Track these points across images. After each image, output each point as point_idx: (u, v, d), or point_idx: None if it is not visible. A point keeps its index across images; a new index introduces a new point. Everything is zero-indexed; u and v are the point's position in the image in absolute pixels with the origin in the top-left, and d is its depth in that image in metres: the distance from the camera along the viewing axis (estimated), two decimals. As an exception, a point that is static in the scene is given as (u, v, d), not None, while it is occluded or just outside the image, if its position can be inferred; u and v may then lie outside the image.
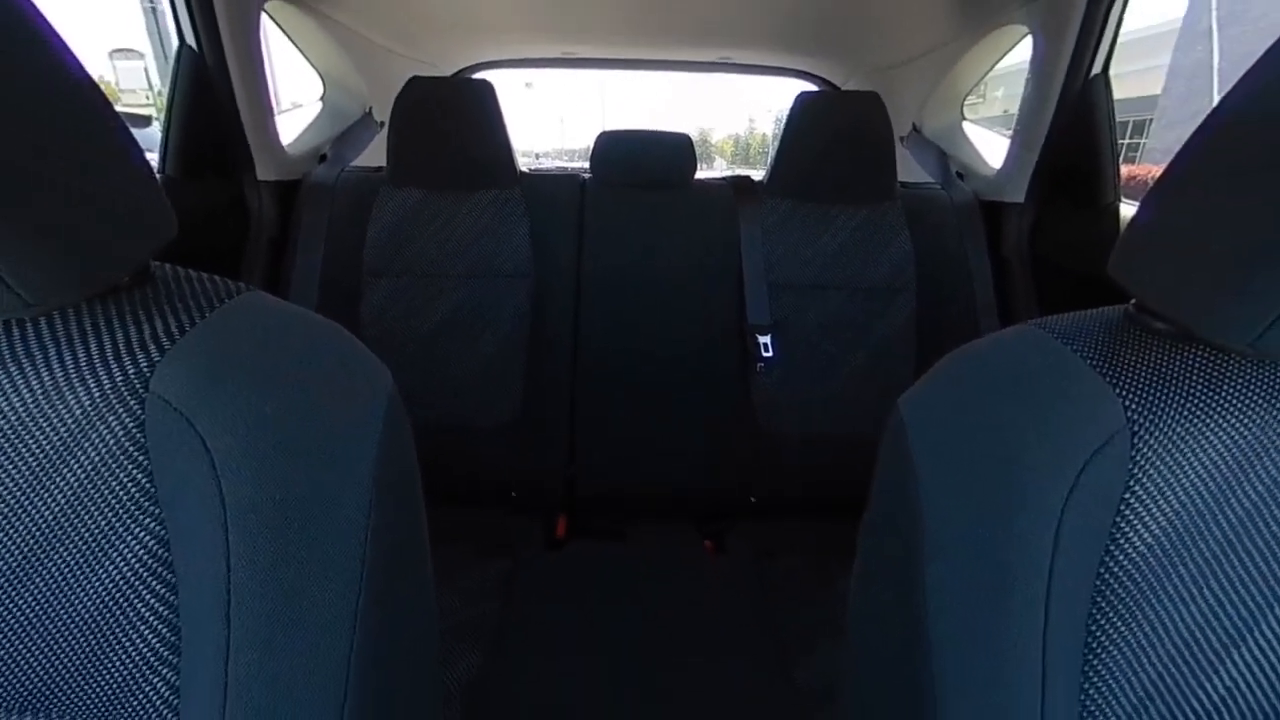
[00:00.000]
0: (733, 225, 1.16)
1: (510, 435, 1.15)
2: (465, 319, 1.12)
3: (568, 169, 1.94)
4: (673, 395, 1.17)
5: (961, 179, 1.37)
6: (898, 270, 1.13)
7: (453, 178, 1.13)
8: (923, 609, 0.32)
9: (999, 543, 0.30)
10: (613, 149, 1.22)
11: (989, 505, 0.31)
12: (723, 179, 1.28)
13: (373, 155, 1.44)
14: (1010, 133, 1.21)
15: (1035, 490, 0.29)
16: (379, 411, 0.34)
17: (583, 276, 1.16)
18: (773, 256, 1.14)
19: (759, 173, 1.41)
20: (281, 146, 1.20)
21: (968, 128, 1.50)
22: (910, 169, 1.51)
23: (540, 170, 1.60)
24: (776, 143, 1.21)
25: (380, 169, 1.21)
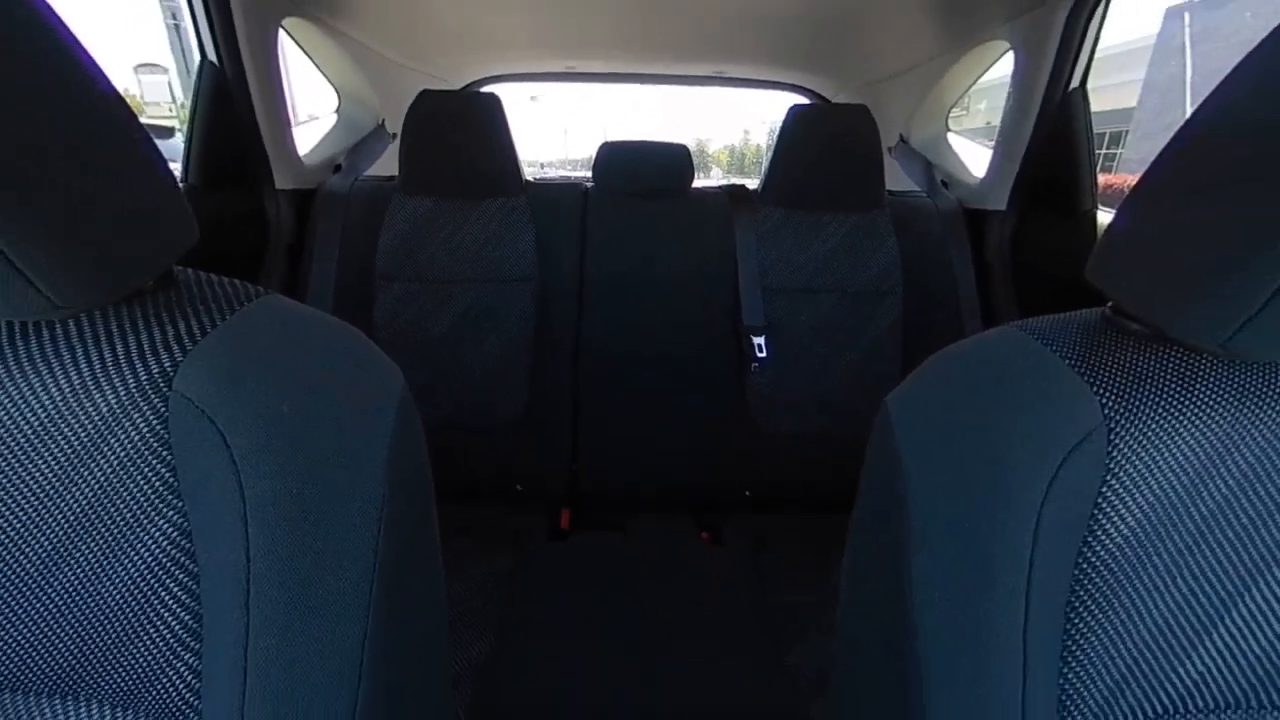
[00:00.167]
0: (728, 232, 1.16)
1: (516, 432, 1.15)
2: (473, 321, 1.12)
3: (571, 178, 1.94)
4: (671, 394, 1.17)
5: (946, 187, 1.37)
6: (885, 274, 1.13)
7: (462, 187, 1.13)
8: (909, 599, 0.32)
9: (982, 535, 0.30)
10: (614, 159, 1.22)
11: (972, 499, 0.31)
12: (719, 188, 1.28)
13: (385, 165, 1.45)
14: (992, 143, 1.21)
15: (1016, 485, 0.29)
16: (391, 410, 0.34)
17: (585, 281, 1.16)
18: (766, 261, 1.14)
19: (753, 181, 1.41)
20: (298, 157, 1.20)
21: (952, 139, 1.50)
22: (897, 178, 1.51)
23: (545, 179, 1.60)
24: (770, 153, 1.21)
25: (392, 178, 1.21)
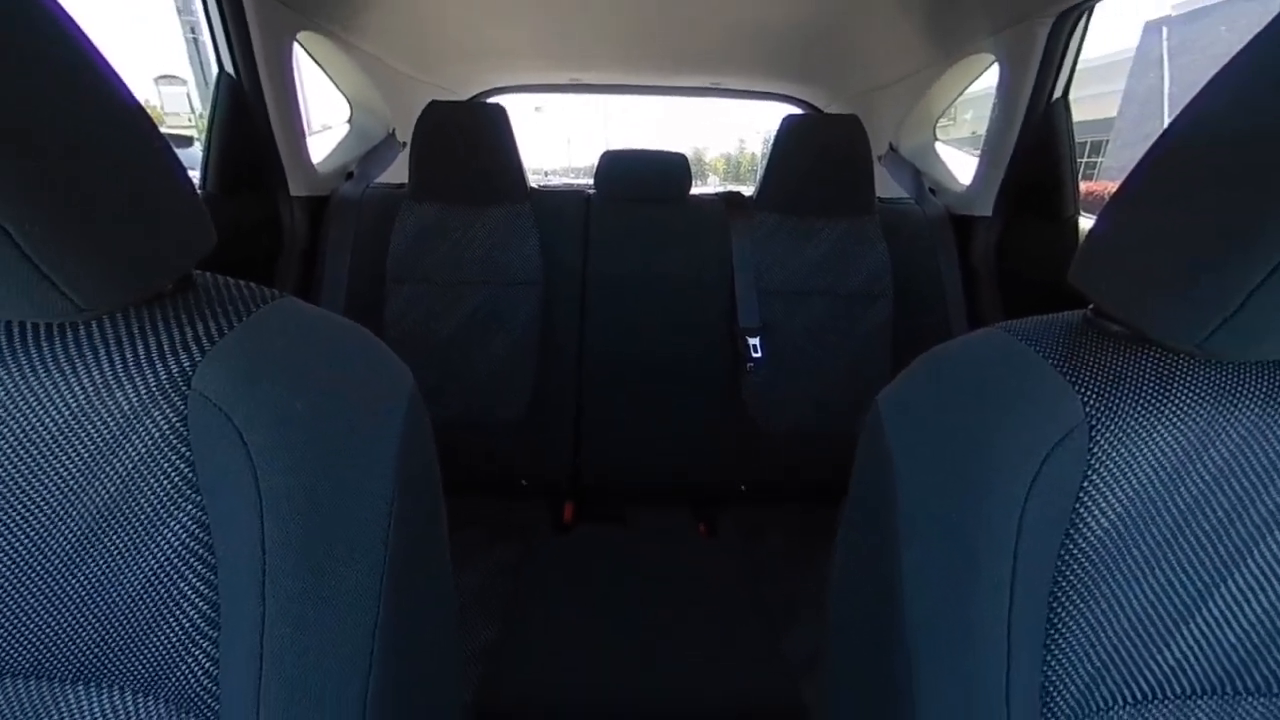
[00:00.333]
0: (725, 237, 1.16)
1: (521, 429, 1.14)
2: (480, 323, 1.12)
3: (574, 185, 1.94)
4: (670, 392, 1.17)
5: (934, 194, 1.37)
6: (875, 278, 1.13)
7: (469, 193, 1.13)
8: (898, 588, 0.32)
9: (968, 527, 0.30)
10: (615, 167, 1.22)
11: (959, 493, 0.31)
12: (716, 194, 1.27)
13: (395, 173, 1.45)
14: (978, 152, 1.21)
15: (1001, 480, 0.29)
16: (401, 408, 0.34)
17: (588, 284, 1.16)
18: (761, 265, 1.14)
19: (749, 188, 1.41)
20: (312, 165, 1.20)
21: (940, 147, 1.50)
22: (887, 185, 1.51)
23: (549, 186, 1.60)
24: (765, 161, 1.21)
25: (402, 186, 1.21)
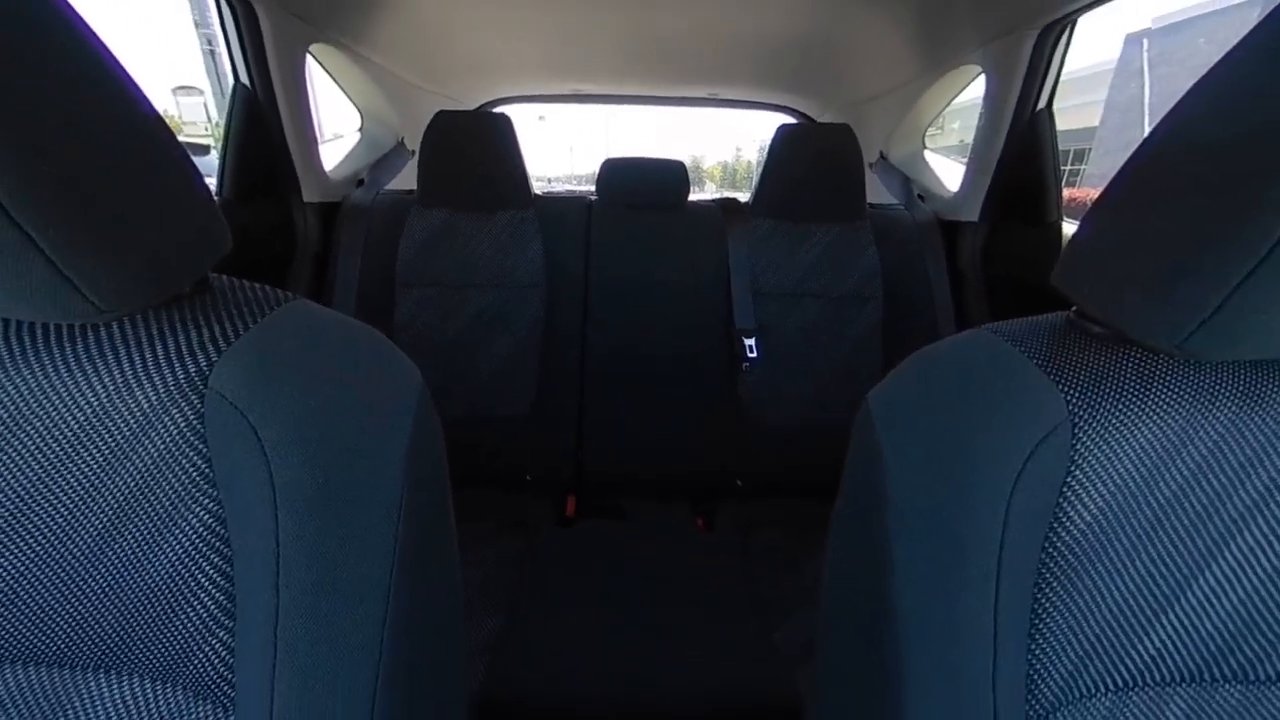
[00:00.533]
0: (722, 241, 1.16)
1: (525, 426, 1.14)
2: (486, 324, 1.12)
3: (576, 192, 1.94)
4: (669, 391, 1.17)
5: (923, 200, 1.37)
6: (866, 281, 1.13)
7: (475, 200, 1.13)
8: (888, 580, 0.32)
9: (955, 521, 0.30)
10: (616, 174, 1.22)
11: (947, 488, 0.31)
12: (713, 200, 1.27)
13: (404, 180, 1.45)
14: (966, 160, 1.21)
15: (987, 475, 0.29)
16: (410, 406, 0.34)
17: (589, 286, 1.16)
18: (757, 269, 1.14)
19: (745, 195, 1.41)
20: (324, 172, 1.20)
21: (929, 155, 1.50)
22: (878, 192, 1.51)
23: (552, 193, 1.60)
24: (760, 169, 1.21)
25: (411, 192, 1.21)
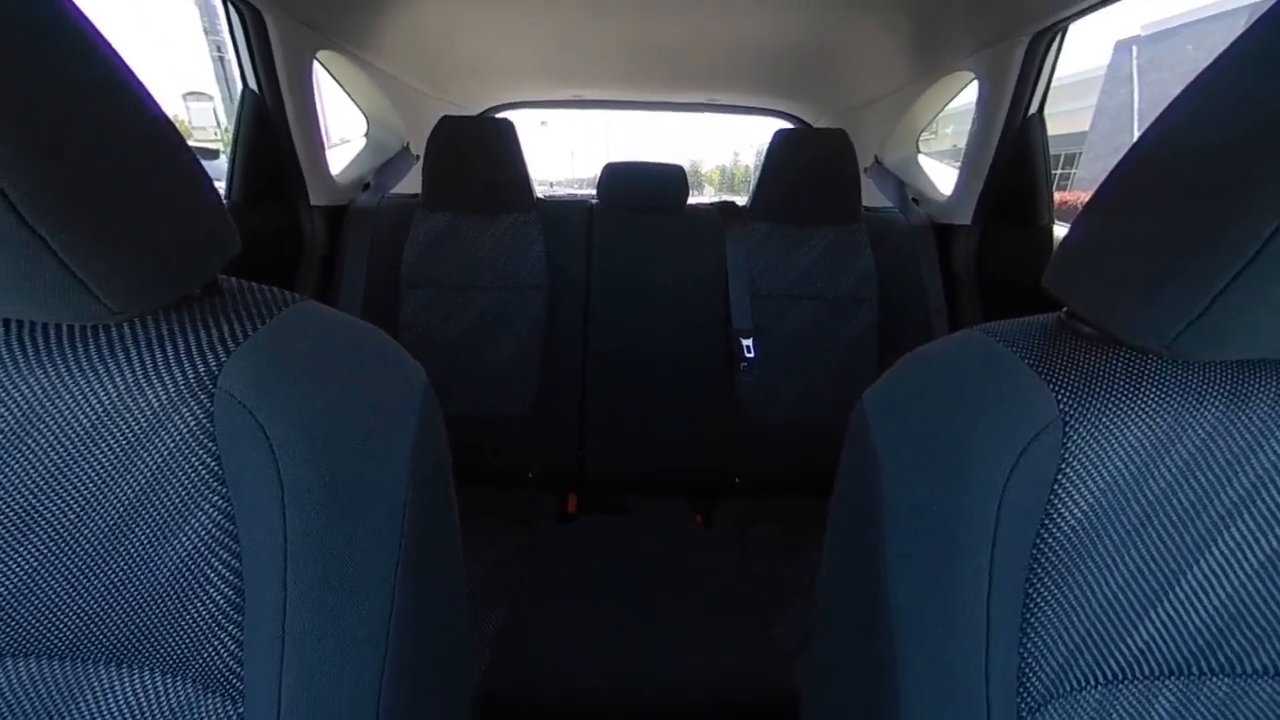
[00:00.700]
0: (720, 244, 1.16)
1: (528, 424, 1.14)
2: (489, 325, 1.12)
3: (577, 196, 1.94)
4: (668, 390, 1.17)
5: (917, 204, 1.37)
6: (862, 283, 1.13)
7: (479, 203, 1.13)
8: (883, 575, 0.32)
9: (949, 517, 0.30)
10: (616, 178, 1.22)
11: (940, 485, 0.31)
12: (711, 204, 1.27)
13: (409, 184, 1.45)
14: (959, 164, 1.21)
15: (980, 473, 0.29)
16: (415, 404, 0.34)
17: (590, 288, 1.16)
18: (754, 271, 1.14)
19: (742, 198, 1.41)
20: (331, 176, 1.20)
21: (922, 160, 1.50)
22: (873, 196, 1.51)
23: (554, 197, 1.60)
24: (758, 173, 1.21)
25: (416, 196, 1.21)
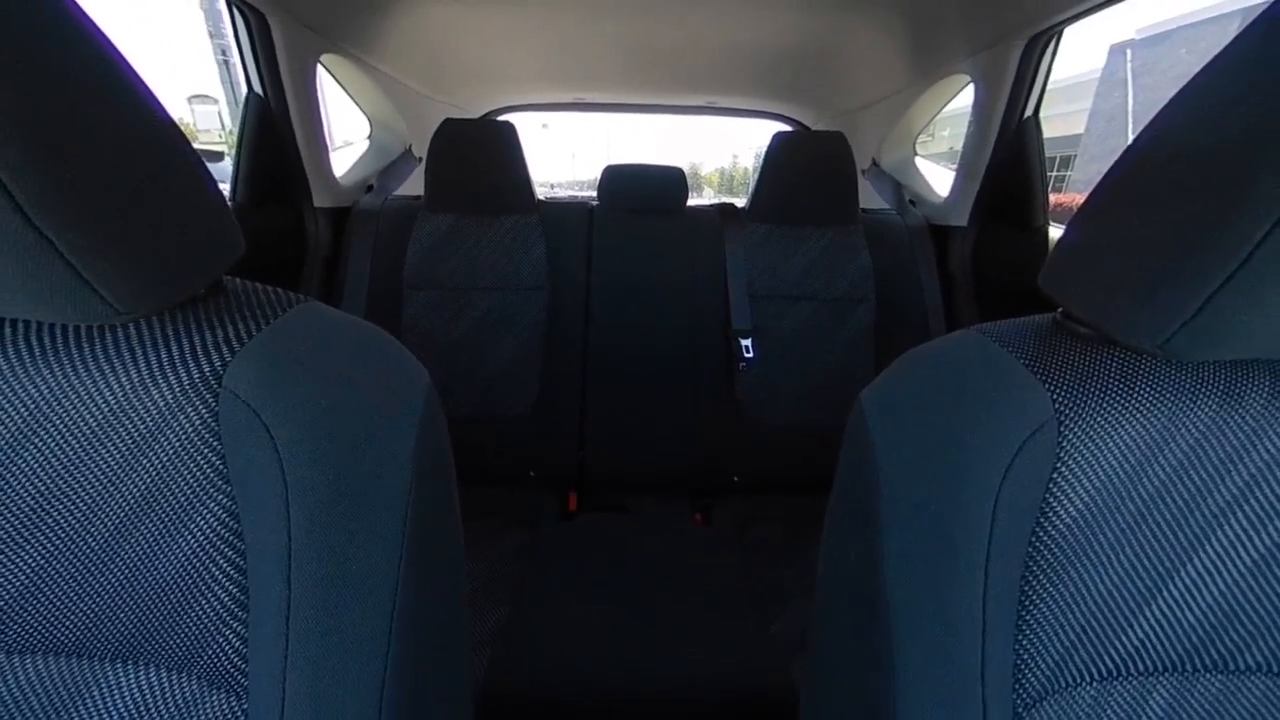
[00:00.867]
0: (719, 245, 1.16)
1: (529, 424, 1.14)
2: (490, 326, 1.12)
3: (578, 198, 1.94)
4: (668, 390, 1.17)
5: (914, 206, 1.37)
6: (859, 284, 1.13)
7: (481, 205, 1.13)
8: (881, 573, 0.32)
9: (945, 515, 0.30)
10: (616, 180, 1.22)
11: (937, 483, 0.31)
12: (710, 206, 1.27)
13: (412, 186, 1.45)
14: (955, 166, 1.21)
15: (976, 471, 0.29)
16: (418, 404, 0.34)
17: (591, 289, 1.16)
18: (753, 271, 1.14)
19: (741, 200, 1.41)
20: (334, 178, 1.20)
21: (919, 162, 1.50)
22: (870, 197, 1.51)
23: (555, 198, 1.60)
24: (756, 175, 1.21)
25: (419, 198, 1.21)
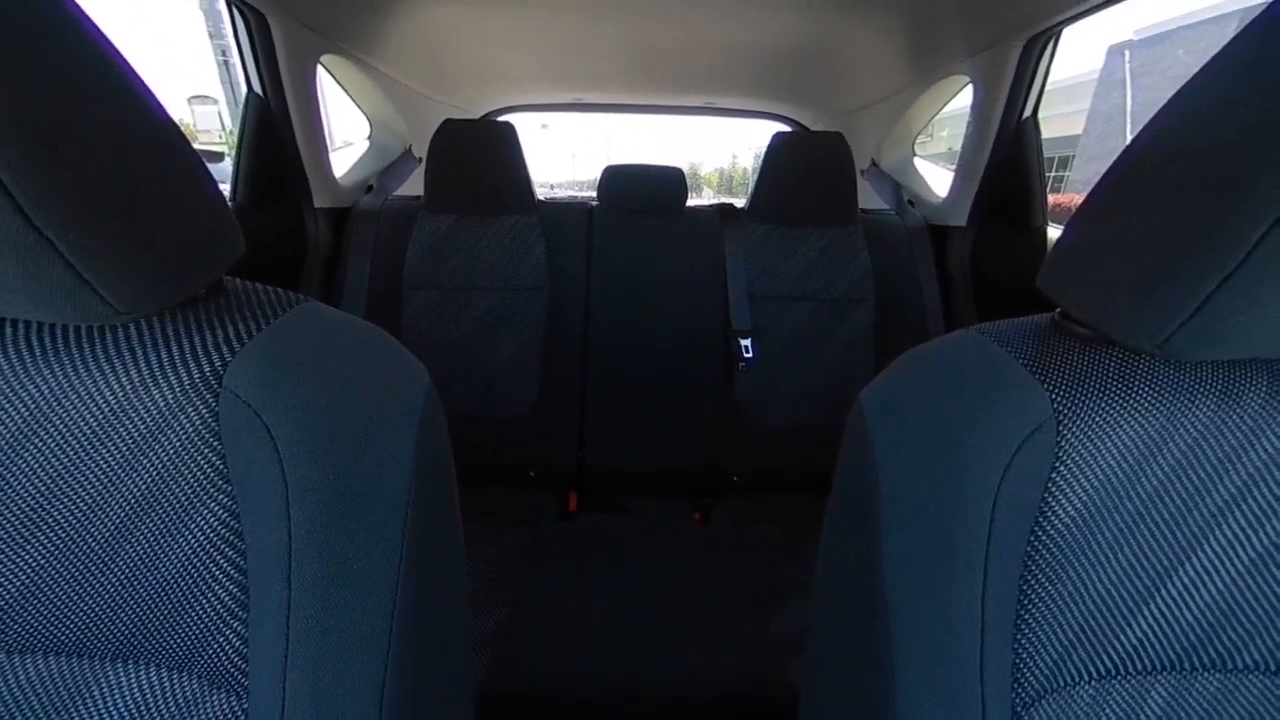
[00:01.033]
0: (718, 245, 1.16)
1: (529, 424, 1.14)
2: (490, 326, 1.12)
3: (578, 198, 1.94)
4: (668, 389, 1.17)
5: (913, 206, 1.37)
6: (858, 284, 1.13)
7: (480, 205, 1.13)
8: (880, 572, 0.32)
9: (945, 515, 0.30)
10: (616, 180, 1.22)
11: (936, 483, 0.31)
12: (710, 206, 1.27)
13: (412, 186, 1.45)
14: (954, 167, 1.21)
15: (975, 470, 0.29)
16: (417, 404, 0.34)
17: (591, 289, 1.16)
18: (753, 272, 1.14)
19: (740, 200, 1.40)
20: (335, 178, 1.20)
21: (918, 162, 1.50)
22: (869, 198, 1.51)
23: (554, 199, 1.60)
24: (756, 175, 1.21)
25: (419, 198, 1.21)
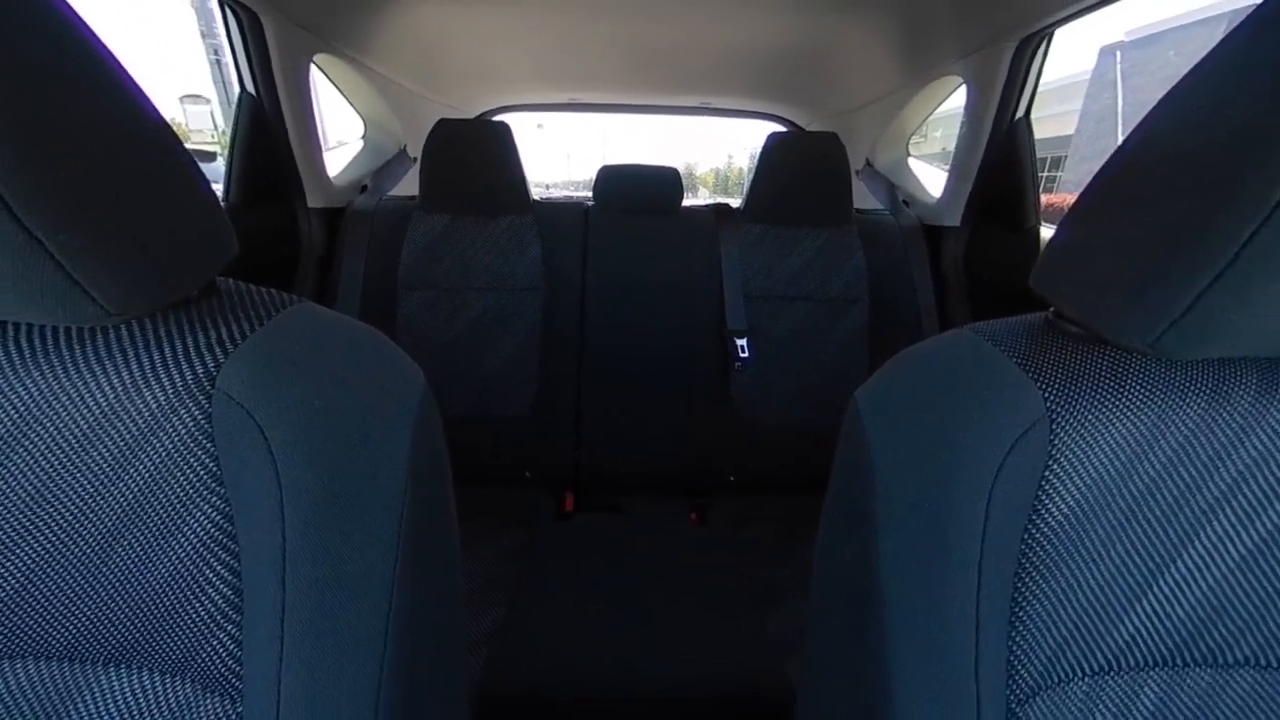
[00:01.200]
0: (714, 245, 1.16)
1: (525, 424, 1.14)
2: (486, 326, 1.12)
3: (574, 198, 1.94)
4: (664, 390, 1.17)
5: (907, 206, 1.37)
6: (853, 284, 1.14)
7: (476, 205, 1.13)
8: (876, 570, 0.32)
9: (939, 513, 0.30)
10: (612, 181, 1.22)
11: (931, 481, 0.31)
12: (705, 206, 1.28)
13: (407, 186, 1.44)
14: (948, 167, 1.22)
15: (970, 469, 0.29)
16: (412, 405, 0.34)
17: (586, 289, 1.16)
18: (748, 272, 1.14)
19: (736, 200, 1.41)
20: (329, 178, 1.19)
21: (912, 163, 1.51)
22: (864, 198, 1.52)
23: (550, 199, 1.60)
24: (751, 175, 1.21)
25: (413, 198, 1.20)
